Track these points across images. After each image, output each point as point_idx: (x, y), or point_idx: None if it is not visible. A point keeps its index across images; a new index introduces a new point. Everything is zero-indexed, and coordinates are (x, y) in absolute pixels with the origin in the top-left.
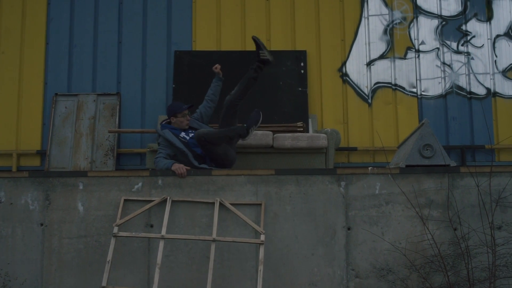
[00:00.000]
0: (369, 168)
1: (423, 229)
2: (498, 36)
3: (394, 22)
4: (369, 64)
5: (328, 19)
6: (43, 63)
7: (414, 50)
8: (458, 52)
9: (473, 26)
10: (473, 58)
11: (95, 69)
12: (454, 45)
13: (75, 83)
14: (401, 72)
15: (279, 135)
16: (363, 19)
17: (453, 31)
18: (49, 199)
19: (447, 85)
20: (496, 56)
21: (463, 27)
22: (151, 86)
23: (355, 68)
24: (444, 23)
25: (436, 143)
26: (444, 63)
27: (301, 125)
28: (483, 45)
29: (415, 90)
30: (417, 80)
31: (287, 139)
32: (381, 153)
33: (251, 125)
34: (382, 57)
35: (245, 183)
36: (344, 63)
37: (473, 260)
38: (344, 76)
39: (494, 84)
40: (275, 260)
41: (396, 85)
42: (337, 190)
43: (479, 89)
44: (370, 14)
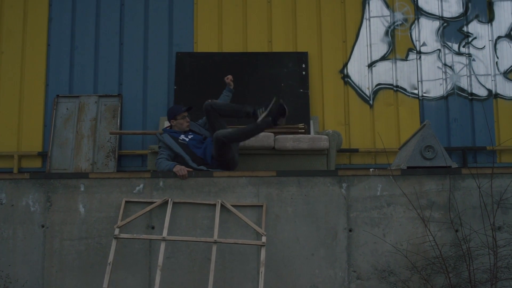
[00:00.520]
0: (371, 170)
1: (424, 230)
2: (499, 37)
3: (396, 24)
4: (371, 65)
5: (330, 20)
6: (44, 64)
7: (415, 51)
8: (459, 53)
9: (474, 27)
10: (474, 60)
11: (96, 70)
12: (455, 46)
13: (76, 84)
14: (402, 73)
15: (280, 136)
16: (364, 20)
17: (454, 33)
18: (50, 200)
19: (449, 87)
20: (498, 58)
21: (465, 28)
22: (153, 87)
23: (357, 70)
24: (445, 24)
25: (438, 144)
26: (445, 65)
27: (303, 126)
28: (485, 46)
29: (416, 91)
30: (418, 81)
31: (288, 141)
32: (383, 155)
33: (277, 117)
34: (383, 58)
35: (246, 184)
36: (346, 64)
37: (475, 261)
38: (346, 78)
39: (496, 86)
40: (276, 262)
41: (397, 86)
42: (339, 192)
43: (480, 91)
44: (371, 15)
